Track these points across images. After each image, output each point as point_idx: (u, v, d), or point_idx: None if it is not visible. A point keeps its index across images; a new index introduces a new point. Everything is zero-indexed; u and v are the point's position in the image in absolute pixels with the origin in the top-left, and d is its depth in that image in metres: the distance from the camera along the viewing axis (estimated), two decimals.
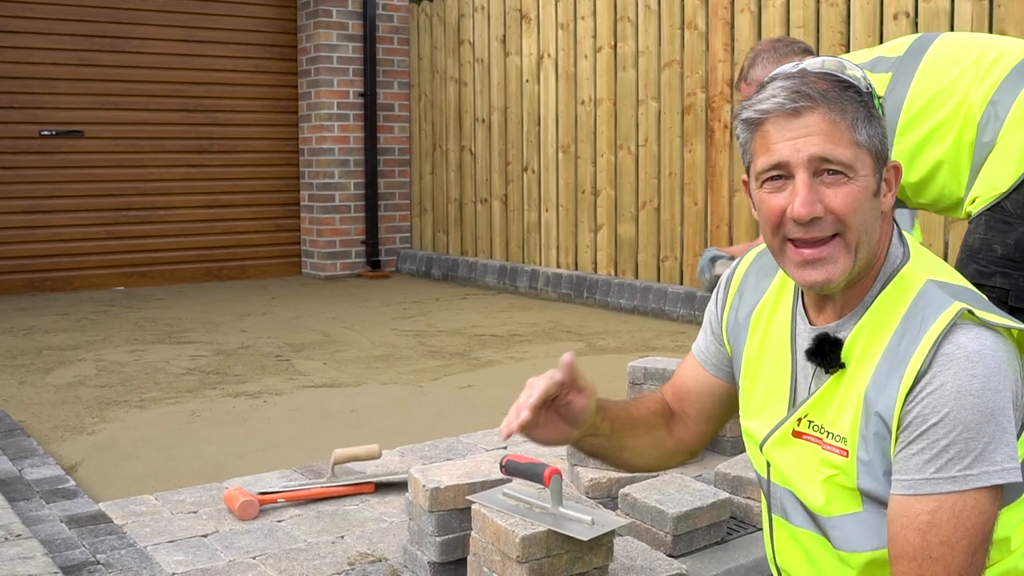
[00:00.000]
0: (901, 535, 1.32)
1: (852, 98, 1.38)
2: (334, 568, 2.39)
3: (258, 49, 8.03)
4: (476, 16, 7.61)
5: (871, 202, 1.39)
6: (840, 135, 1.36)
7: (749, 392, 1.61)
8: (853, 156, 1.36)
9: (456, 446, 3.40)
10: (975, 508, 1.29)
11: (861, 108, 1.38)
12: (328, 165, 8.04)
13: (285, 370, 4.68)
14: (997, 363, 1.31)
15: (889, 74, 2.48)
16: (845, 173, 1.36)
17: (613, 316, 6.20)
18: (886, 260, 1.44)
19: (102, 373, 4.58)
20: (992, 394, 1.30)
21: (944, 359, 1.32)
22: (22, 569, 2.32)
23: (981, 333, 1.33)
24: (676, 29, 6.07)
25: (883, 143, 1.41)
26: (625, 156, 6.46)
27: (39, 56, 7.13)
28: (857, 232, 1.37)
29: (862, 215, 1.37)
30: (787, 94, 1.37)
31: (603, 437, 1.62)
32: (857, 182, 1.37)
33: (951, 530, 1.29)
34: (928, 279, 1.40)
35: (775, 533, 1.58)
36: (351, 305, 6.67)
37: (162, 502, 2.84)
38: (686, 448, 1.75)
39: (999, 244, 2.35)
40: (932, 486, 1.30)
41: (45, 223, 7.22)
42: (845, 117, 1.36)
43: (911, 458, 1.32)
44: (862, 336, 1.41)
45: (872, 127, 1.39)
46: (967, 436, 1.29)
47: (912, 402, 1.33)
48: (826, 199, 1.36)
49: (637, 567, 2.18)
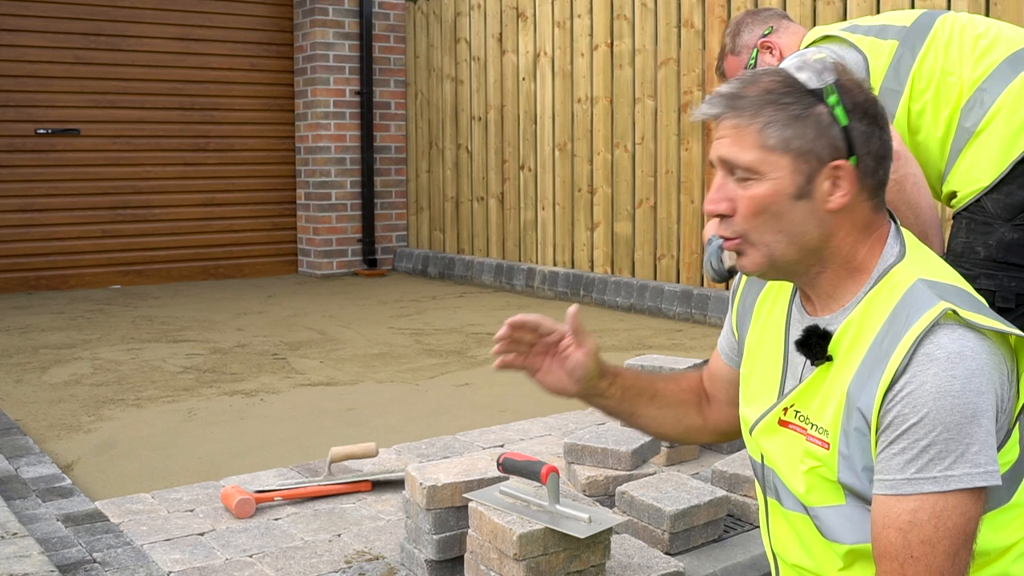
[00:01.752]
0: (883, 535, 1.33)
1: (776, 100, 1.41)
2: (331, 566, 2.39)
3: (254, 47, 8.02)
4: (472, 14, 7.61)
5: (787, 204, 1.41)
6: (744, 139, 1.42)
7: (748, 378, 1.64)
8: (758, 159, 1.41)
9: (453, 444, 3.40)
10: (956, 508, 1.29)
11: (782, 111, 1.40)
12: (324, 163, 8.03)
13: (282, 368, 4.68)
14: (979, 364, 1.31)
15: (895, 42, 2.46)
16: (749, 176, 1.42)
17: (609, 314, 6.20)
18: (880, 258, 1.45)
19: (98, 372, 4.57)
20: (973, 395, 1.30)
21: (924, 359, 1.31)
22: (18, 567, 2.32)
23: (964, 334, 1.32)
24: (673, 27, 6.07)
25: (817, 144, 1.41)
26: (622, 154, 6.46)
27: (35, 54, 7.12)
28: (761, 232, 1.43)
29: (769, 216, 1.42)
30: (708, 99, 1.47)
31: (612, 400, 1.74)
32: (763, 184, 1.41)
33: (932, 530, 1.29)
34: (919, 278, 1.40)
35: (770, 516, 1.59)
36: (347, 303, 6.67)
37: (159, 500, 2.84)
38: (716, 429, 1.82)
39: (981, 246, 2.35)
40: (913, 486, 1.31)
41: (41, 221, 7.20)
42: (754, 121, 1.41)
43: (892, 458, 1.32)
44: (850, 330, 1.42)
45: (795, 129, 1.40)
46: (947, 437, 1.29)
47: (892, 401, 1.33)
48: (736, 199, 1.44)
49: (634, 565, 2.19)
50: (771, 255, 1.44)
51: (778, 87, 1.42)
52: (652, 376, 1.82)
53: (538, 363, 1.70)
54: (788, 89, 1.42)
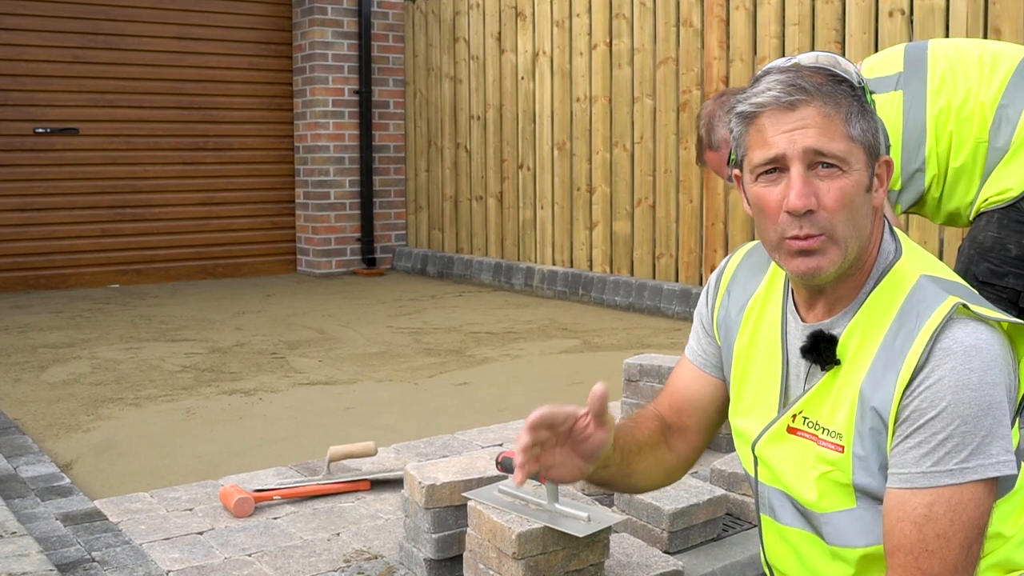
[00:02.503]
0: (897, 528, 1.32)
1: (846, 92, 1.38)
2: (330, 565, 2.39)
3: (253, 46, 8.01)
4: (471, 13, 7.61)
5: (863, 197, 1.39)
6: (835, 129, 1.35)
7: (739, 389, 1.61)
8: (847, 150, 1.36)
9: (452, 443, 3.40)
10: (971, 501, 1.30)
11: (855, 102, 1.38)
12: (323, 162, 8.03)
13: (280, 367, 4.67)
14: (993, 357, 1.32)
15: (900, 92, 2.45)
16: (839, 167, 1.36)
17: (608, 313, 6.20)
18: (879, 256, 1.45)
19: (97, 371, 4.57)
20: (989, 387, 1.31)
21: (941, 353, 1.32)
22: (17, 567, 2.32)
23: (977, 327, 1.34)
24: (671, 26, 6.07)
25: (875, 138, 1.41)
26: (620, 153, 6.46)
27: (33, 53, 7.12)
28: (845, 227, 1.37)
29: (852, 210, 1.37)
30: (782, 87, 1.37)
31: (614, 467, 1.57)
32: (850, 176, 1.36)
33: (948, 523, 1.30)
34: (922, 274, 1.40)
35: (764, 532, 1.58)
36: (346, 303, 6.67)
37: (157, 499, 2.84)
38: (686, 461, 1.73)
39: (1014, 244, 2.35)
40: (929, 479, 1.31)
41: (40, 221, 7.20)
42: (839, 111, 1.36)
43: (908, 452, 1.33)
44: (856, 332, 1.41)
45: (865, 121, 1.39)
46: (964, 430, 1.30)
47: (910, 396, 1.33)
48: (819, 193, 1.36)
49: (633, 564, 2.19)
50: (847, 252, 1.38)
51: (833, 80, 1.38)
52: (626, 428, 1.65)
53: (552, 459, 1.48)
54: (841, 84, 1.39)
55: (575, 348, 5.13)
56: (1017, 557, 1.42)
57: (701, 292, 1.73)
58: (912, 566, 1.31)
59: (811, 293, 1.47)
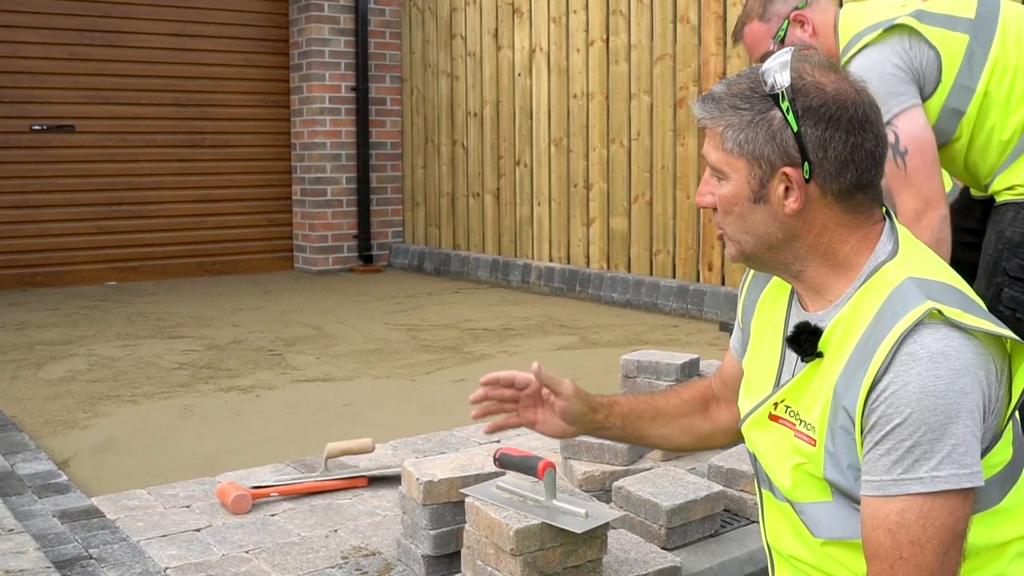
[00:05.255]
0: (872, 536, 1.33)
1: (737, 104, 1.44)
2: (327, 562, 2.39)
3: (249, 43, 8.00)
4: (468, 10, 7.60)
5: (747, 206, 1.45)
6: (713, 140, 1.47)
7: (748, 370, 1.65)
8: (721, 160, 1.46)
9: (449, 440, 3.40)
10: (944, 508, 1.29)
11: (740, 116, 1.43)
12: (320, 160, 8.03)
13: (278, 364, 4.67)
14: (963, 364, 1.30)
15: (967, 36, 2.43)
16: (718, 175, 1.48)
17: (606, 310, 6.20)
18: (871, 256, 1.44)
19: (94, 368, 4.57)
20: (957, 395, 1.29)
21: (907, 358, 1.31)
22: (15, 564, 2.32)
23: (949, 333, 1.31)
24: (668, 23, 6.07)
25: (767, 149, 1.41)
26: (617, 150, 6.46)
27: (29, 50, 7.10)
28: (732, 229, 1.49)
29: (736, 216, 1.47)
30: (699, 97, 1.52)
31: (615, 430, 1.83)
32: (727, 185, 1.47)
33: (920, 530, 1.29)
34: (908, 276, 1.39)
35: (765, 507, 1.60)
36: (343, 299, 6.66)
37: (155, 496, 2.84)
38: (728, 430, 1.86)
39: None
40: (899, 487, 1.30)
41: (36, 218, 7.19)
42: (717, 124, 1.46)
43: (879, 459, 1.32)
44: (839, 328, 1.42)
45: (749, 133, 1.42)
46: (931, 437, 1.28)
47: (875, 401, 1.32)
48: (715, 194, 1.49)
49: (631, 560, 2.19)
50: (742, 250, 1.50)
51: (746, 90, 1.45)
52: (651, 396, 1.88)
53: (533, 416, 1.80)
54: (751, 93, 1.44)
55: (572, 345, 5.13)
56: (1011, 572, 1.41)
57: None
58: (888, 573, 1.31)
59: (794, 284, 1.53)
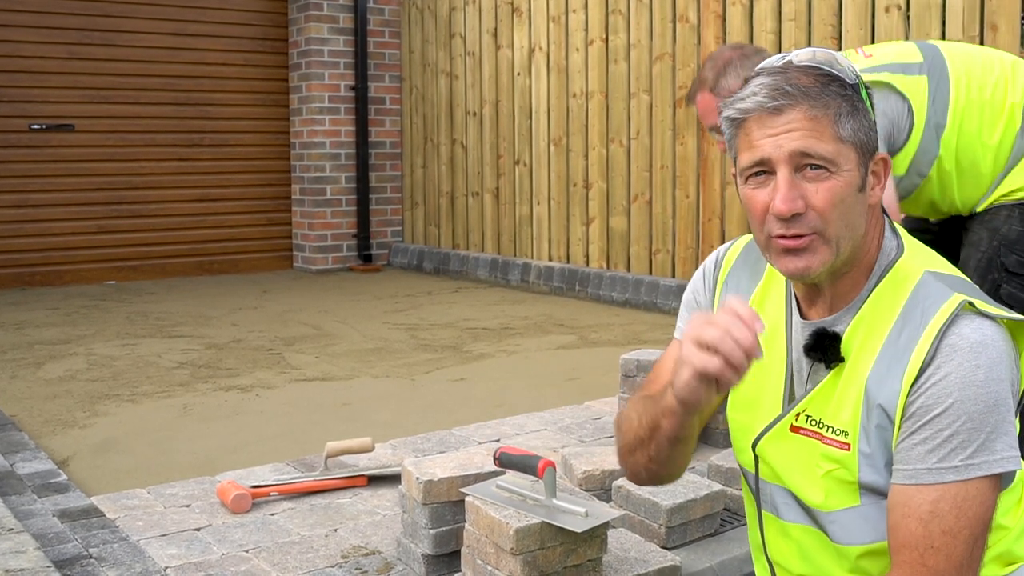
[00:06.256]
0: (903, 524, 1.32)
1: (835, 92, 1.37)
2: (327, 561, 2.39)
3: (249, 43, 8.00)
4: (467, 9, 7.60)
5: (855, 197, 1.38)
6: (822, 130, 1.35)
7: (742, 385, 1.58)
8: (835, 151, 1.35)
9: (449, 439, 3.40)
10: (977, 497, 1.30)
11: (844, 102, 1.37)
12: (319, 159, 8.02)
13: (277, 364, 4.67)
14: (999, 353, 1.33)
15: (925, 76, 2.48)
16: (827, 168, 1.35)
17: (605, 309, 6.20)
18: (880, 253, 1.44)
19: (93, 367, 4.57)
20: (995, 384, 1.31)
21: (948, 350, 1.32)
22: (14, 563, 2.32)
23: (982, 324, 1.34)
24: (668, 22, 6.07)
25: (869, 136, 1.40)
26: (617, 149, 6.46)
27: (29, 50, 7.10)
28: (837, 227, 1.36)
29: (843, 210, 1.36)
30: (767, 92, 1.37)
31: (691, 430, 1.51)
32: (839, 177, 1.36)
33: (953, 520, 1.30)
34: (925, 271, 1.40)
35: (765, 528, 1.57)
36: (343, 299, 6.66)
37: (154, 496, 2.84)
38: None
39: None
40: (934, 476, 1.31)
41: (35, 217, 7.19)
42: (828, 112, 1.35)
43: (913, 448, 1.33)
44: (860, 329, 1.41)
45: (856, 121, 1.38)
46: (971, 426, 1.30)
47: (916, 392, 1.33)
48: (808, 194, 1.36)
49: (631, 559, 2.19)
50: (839, 251, 1.38)
51: (824, 79, 1.37)
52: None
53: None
54: (833, 82, 1.38)
55: (572, 344, 5.13)
56: (1017, 550, 1.42)
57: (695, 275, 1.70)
58: (918, 563, 1.30)
59: (810, 290, 1.47)
